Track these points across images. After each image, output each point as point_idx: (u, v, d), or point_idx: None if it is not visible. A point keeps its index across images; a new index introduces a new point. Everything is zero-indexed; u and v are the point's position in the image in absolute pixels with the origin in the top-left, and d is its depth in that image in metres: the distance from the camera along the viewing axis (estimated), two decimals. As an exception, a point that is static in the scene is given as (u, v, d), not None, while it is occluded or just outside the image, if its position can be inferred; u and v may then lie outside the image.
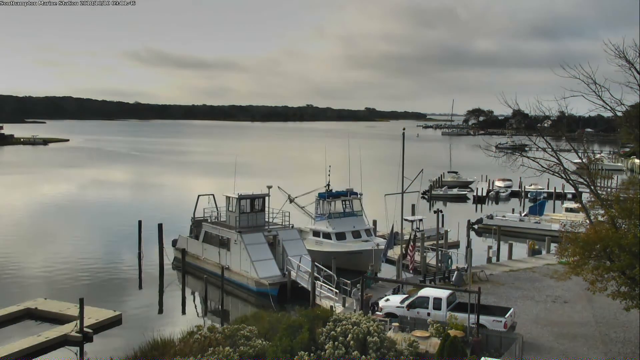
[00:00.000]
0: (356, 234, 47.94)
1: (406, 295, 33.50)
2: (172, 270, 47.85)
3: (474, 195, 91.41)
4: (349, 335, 24.09)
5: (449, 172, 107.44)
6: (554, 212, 75.05)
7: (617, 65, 29.80)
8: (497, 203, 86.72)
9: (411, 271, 43.27)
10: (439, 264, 44.24)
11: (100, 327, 33.69)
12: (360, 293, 32.67)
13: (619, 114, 33.55)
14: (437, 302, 29.81)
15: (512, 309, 29.85)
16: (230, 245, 44.25)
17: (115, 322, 34.84)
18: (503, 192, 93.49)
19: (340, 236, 47.28)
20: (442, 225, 53.17)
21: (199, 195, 51.90)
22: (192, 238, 49.67)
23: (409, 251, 44.41)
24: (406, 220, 51.57)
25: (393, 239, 44.90)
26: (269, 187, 47.09)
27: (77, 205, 79.74)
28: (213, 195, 52.09)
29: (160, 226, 48.01)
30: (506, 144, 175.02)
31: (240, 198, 45.49)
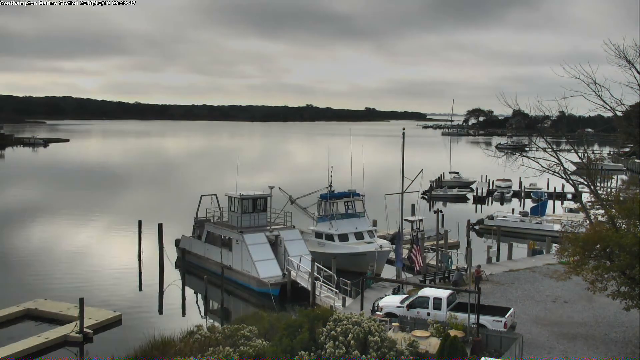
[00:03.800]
0: (359, 235, 47.81)
1: (406, 295, 33.50)
2: (174, 269, 47.91)
3: (473, 196, 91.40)
4: (350, 335, 24.09)
5: (450, 172, 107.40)
6: (553, 212, 75.08)
7: (617, 65, 29.91)
8: (502, 204, 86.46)
9: (417, 273, 42.73)
10: (439, 264, 44.22)
11: (100, 327, 33.69)
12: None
13: (619, 114, 33.63)
14: (437, 302, 29.81)
15: (512, 309, 29.85)
16: (232, 245, 44.29)
17: (115, 322, 34.84)
18: (506, 193, 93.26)
19: (343, 237, 47.16)
20: (442, 226, 53.17)
21: (201, 196, 51.95)
22: (194, 238, 49.74)
23: (413, 253, 43.91)
24: (406, 220, 51.52)
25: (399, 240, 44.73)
26: (271, 188, 47.08)
27: (77, 205, 79.69)
28: (216, 195, 52.12)
29: (160, 226, 48.03)
30: (506, 144, 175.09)
31: (243, 198, 45.54)
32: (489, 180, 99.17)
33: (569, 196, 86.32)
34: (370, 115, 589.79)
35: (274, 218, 47.10)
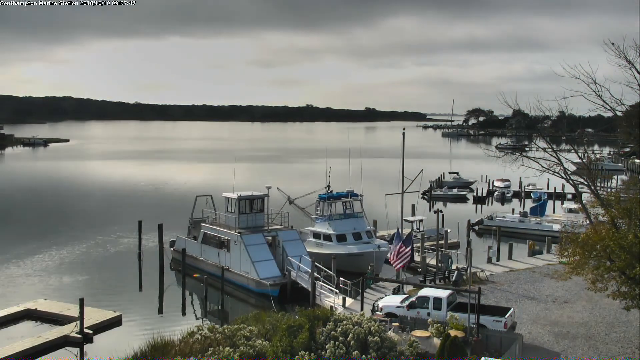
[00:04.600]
0: (357, 236, 47.75)
1: (406, 295, 33.49)
2: (170, 270, 47.84)
3: (473, 196, 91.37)
4: (350, 335, 24.10)
5: (449, 172, 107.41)
6: (554, 212, 75.08)
7: (617, 65, 29.90)
8: (502, 204, 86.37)
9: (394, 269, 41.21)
10: (439, 264, 44.21)
11: (101, 327, 33.67)
12: None
13: (619, 114, 33.65)
14: (437, 302, 29.79)
15: (512, 309, 29.84)
16: (230, 246, 44.16)
17: (115, 322, 34.82)
18: (506, 193, 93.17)
19: (341, 238, 47.12)
20: (442, 226, 53.16)
21: (197, 196, 51.79)
22: (190, 239, 49.54)
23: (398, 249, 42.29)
24: (406, 220, 51.51)
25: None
26: (268, 188, 47.00)
27: (76, 205, 79.69)
28: (211, 196, 51.97)
29: (160, 226, 48.01)
30: (506, 144, 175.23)
31: (240, 199, 45.31)
32: (489, 180, 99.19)
33: (569, 196, 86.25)
34: (370, 115, 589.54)
35: (272, 219, 46.92)
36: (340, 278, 38.32)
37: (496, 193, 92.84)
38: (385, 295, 35.13)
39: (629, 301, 26.28)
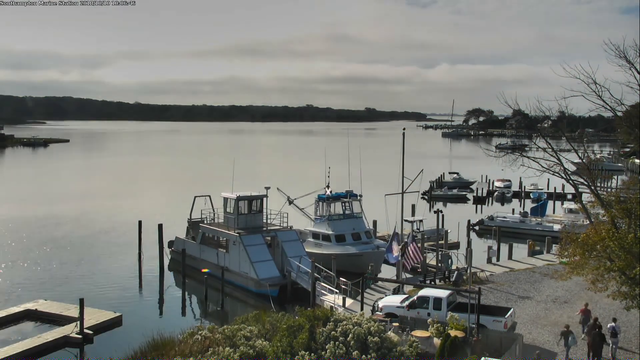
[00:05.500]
0: (356, 236, 47.72)
1: (406, 296, 33.48)
2: (169, 271, 47.80)
3: (474, 196, 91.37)
4: (350, 335, 24.10)
5: (450, 172, 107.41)
6: (554, 212, 75.08)
7: (617, 65, 29.88)
8: (502, 204, 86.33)
9: (408, 269, 41.56)
10: (439, 264, 44.20)
11: (101, 328, 33.69)
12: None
13: (619, 114, 33.62)
14: (437, 302, 29.79)
15: (512, 309, 29.83)
16: (229, 247, 44.11)
17: (115, 323, 34.82)
18: (506, 193, 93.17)
19: (340, 238, 47.10)
20: (442, 226, 53.15)
21: (195, 197, 51.70)
22: (189, 239, 49.48)
23: (409, 250, 43.12)
24: (406, 221, 51.41)
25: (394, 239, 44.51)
26: (267, 188, 46.98)
27: (76, 205, 79.68)
28: (209, 196, 51.87)
29: (160, 226, 47.98)
30: (506, 144, 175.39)
31: (239, 199, 45.24)
32: (489, 180, 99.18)
33: (569, 196, 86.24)
34: (370, 115, 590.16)
35: (271, 219, 46.86)
36: (341, 278, 38.30)
37: (496, 193, 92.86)
38: (385, 295, 35.12)
39: (629, 301, 26.28)
